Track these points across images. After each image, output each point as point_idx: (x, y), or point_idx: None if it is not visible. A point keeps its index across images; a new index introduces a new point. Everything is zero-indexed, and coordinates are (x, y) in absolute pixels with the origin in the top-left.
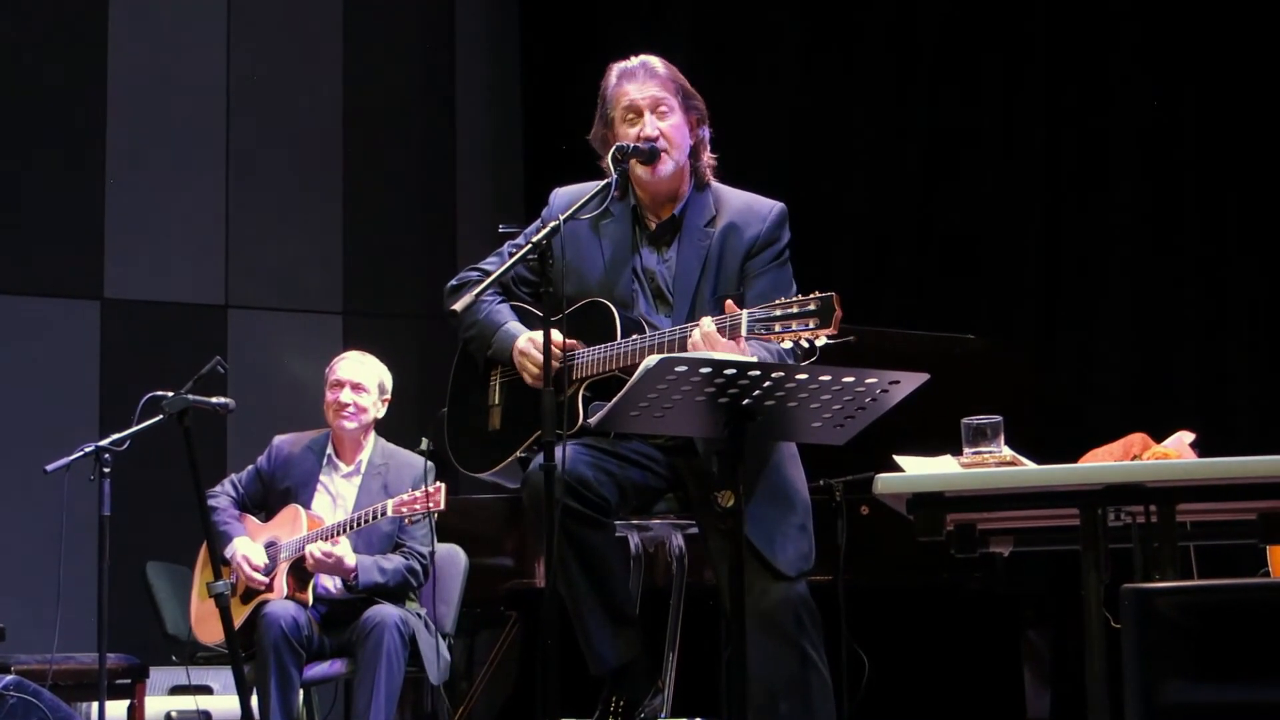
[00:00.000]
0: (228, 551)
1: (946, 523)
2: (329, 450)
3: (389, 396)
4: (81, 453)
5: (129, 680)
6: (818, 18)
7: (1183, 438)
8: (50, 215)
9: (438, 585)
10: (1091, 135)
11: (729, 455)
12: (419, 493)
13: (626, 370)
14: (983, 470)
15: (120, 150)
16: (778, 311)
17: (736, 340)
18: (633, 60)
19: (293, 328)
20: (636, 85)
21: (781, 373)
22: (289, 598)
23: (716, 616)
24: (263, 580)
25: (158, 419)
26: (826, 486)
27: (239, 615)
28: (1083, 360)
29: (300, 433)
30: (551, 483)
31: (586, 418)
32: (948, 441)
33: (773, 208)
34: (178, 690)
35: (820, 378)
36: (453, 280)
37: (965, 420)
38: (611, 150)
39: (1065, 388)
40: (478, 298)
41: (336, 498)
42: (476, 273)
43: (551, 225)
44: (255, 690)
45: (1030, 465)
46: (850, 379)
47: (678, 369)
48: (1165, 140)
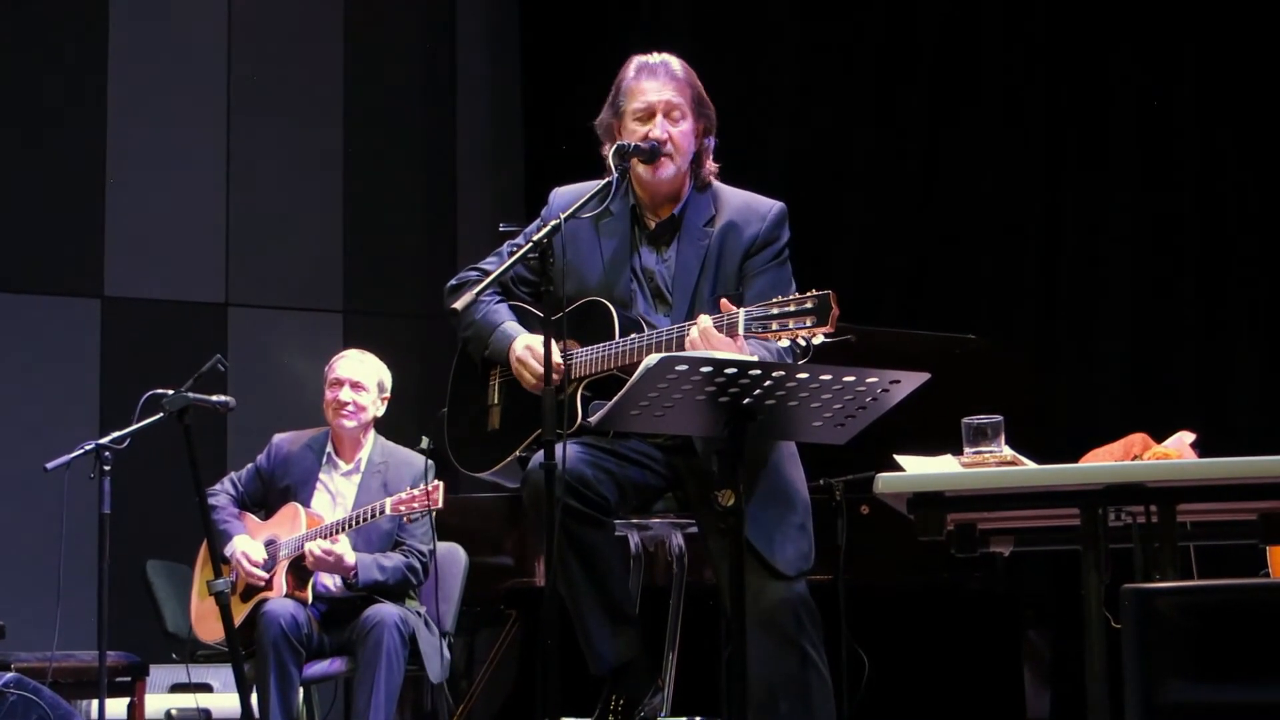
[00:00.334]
0: (228, 550)
1: (947, 522)
2: (328, 449)
3: (388, 395)
4: (81, 451)
5: (129, 678)
6: (818, 17)
7: (1183, 438)
8: (51, 213)
9: (438, 584)
10: (1092, 134)
11: (729, 454)
12: (417, 491)
13: (625, 369)
14: (983, 470)
15: (121, 148)
16: (775, 310)
17: (734, 338)
18: (654, 57)
19: (293, 326)
20: (656, 85)
21: (782, 372)
22: (288, 596)
23: (716, 616)
24: (262, 578)
25: (158, 417)
26: (826, 486)
27: (239, 613)
28: (1083, 360)
29: (300, 431)
30: (552, 482)
31: (585, 417)
32: (948, 441)
33: (772, 207)
34: (178, 688)
35: (821, 377)
36: (452, 280)
37: (966, 420)
38: (613, 149)
39: (1066, 388)
40: (477, 297)
41: (336, 496)
42: (476, 272)
43: (552, 224)
44: (255, 688)
45: (1031, 465)
46: (851, 378)
47: (678, 368)
48: (1165, 139)
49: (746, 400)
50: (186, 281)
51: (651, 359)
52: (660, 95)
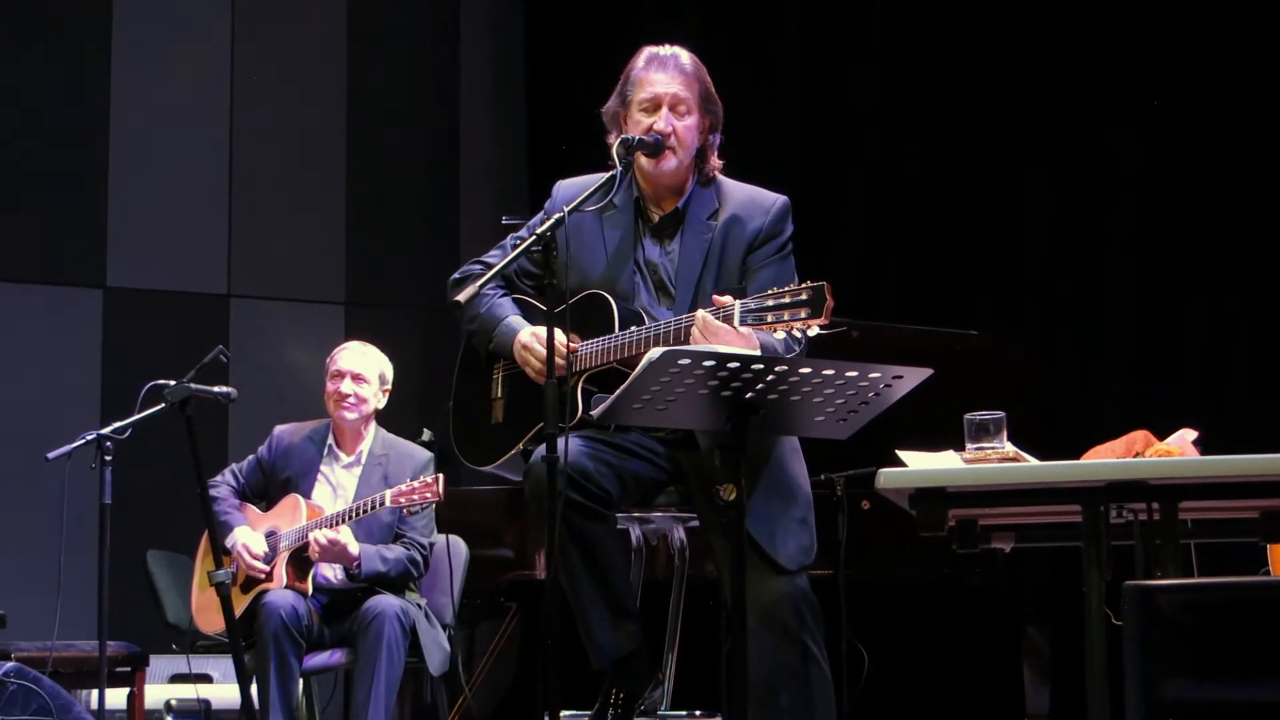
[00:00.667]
0: (228, 541)
1: (948, 518)
2: (329, 440)
3: (390, 387)
4: (83, 441)
5: (129, 668)
6: (820, 14)
7: (1185, 435)
8: (53, 203)
9: (438, 576)
10: (1093, 130)
11: (731, 449)
12: (418, 483)
13: (626, 362)
14: (985, 466)
15: (123, 138)
16: (770, 302)
17: (734, 329)
18: (665, 49)
19: (295, 318)
20: (664, 78)
21: (785, 367)
22: (289, 587)
23: (717, 609)
24: (263, 569)
25: (159, 408)
26: (828, 481)
27: (239, 604)
28: (1085, 357)
29: (301, 423)
30: (554, 475)
31: (587, 410)
32: (950, 437)
33: (775, 200)
34: (178, 678)
35: (824, 372)
36: (455, 273)
37: (968, 416)
38: (617, 142)
39: (1068, 384)
40: (480, 290)
41: (337, 488)
42: (479, 265)
43: (555, 217)
44: (255, 679)
45: (1033, 461)
46: (854, 373)
47: (681, 362)
48: (1167, 135)
49: (749, 395)
50: (189, 272)
51: (654, 353)
52: (668, 88)
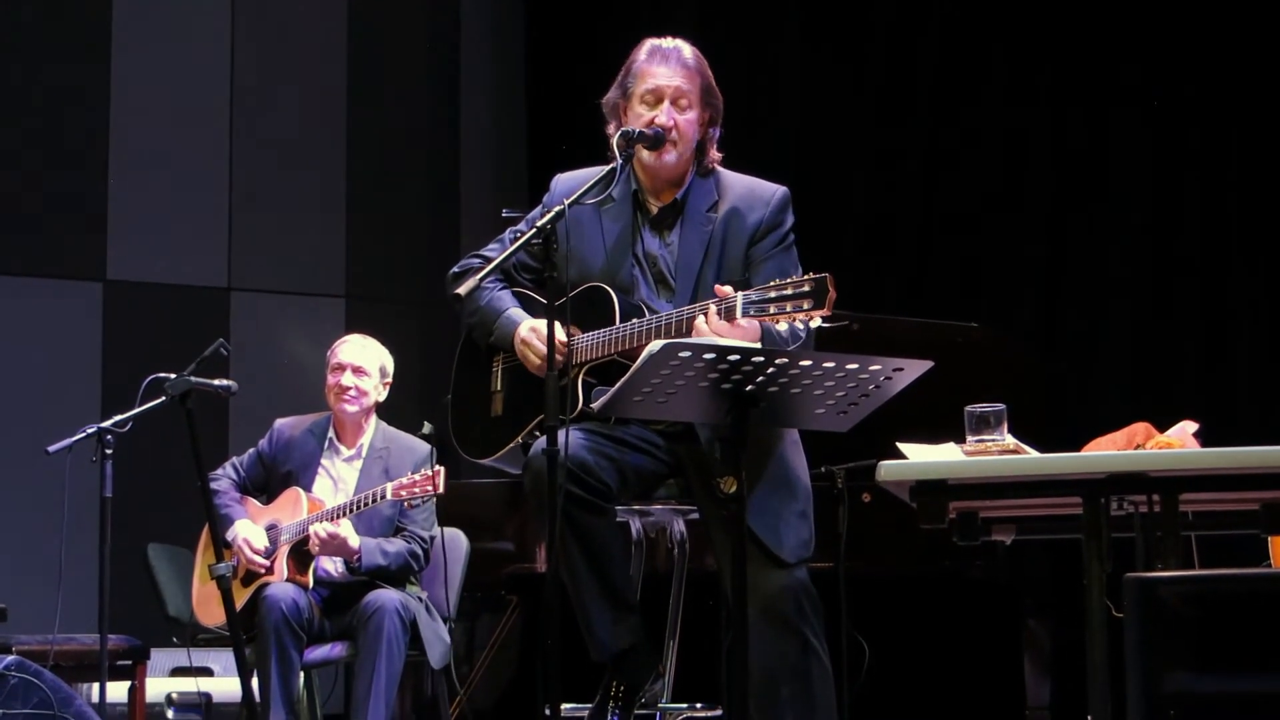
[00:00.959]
0: (229, 534)
1: (949, 510)
2: (330, 434)
3: (390, 380)
4: (83, 434)
5: (130, 661)
6: (822, 8)
7: (1186, 427)
8: (53, 196)
9: (439, 569)
10: (1095, 123)
11: (731, 441)
12: (418, 476)
13: (626, 354)
14: (986, 458)
15: (123, 131)
16: (772, 294)
17: (733, 322)
18: (668, 41)
19: (295, 311)
20: (666, 71)
21: (785, 359)
22: (289, 580)
23: (717, 602)
24: (263, 563)
25: (160, 401)
26: (828, 473)
27: (240, 598)
28: (1086, 349)
29: (301, 416)
30: (554, 468)
31: (587, 403)
32: (951, 429)
33: (776, 192)
34: (178, 672)
35: (824, 364)
36: (455, 267)
37: (969, 408)
38: (618, 135)
39: (1068, 377)
40: (480, 283)
41: (337, 481)
42: (479, 259)
43: (555, 210)
44: (256, 672)
45: (1033, 454)
46: (854, 366)
47: (681, 355)
48: (1168, 130)
49: (749, 387)
50: (189, 265)
51: (654, 345)
52: (669, 81)
